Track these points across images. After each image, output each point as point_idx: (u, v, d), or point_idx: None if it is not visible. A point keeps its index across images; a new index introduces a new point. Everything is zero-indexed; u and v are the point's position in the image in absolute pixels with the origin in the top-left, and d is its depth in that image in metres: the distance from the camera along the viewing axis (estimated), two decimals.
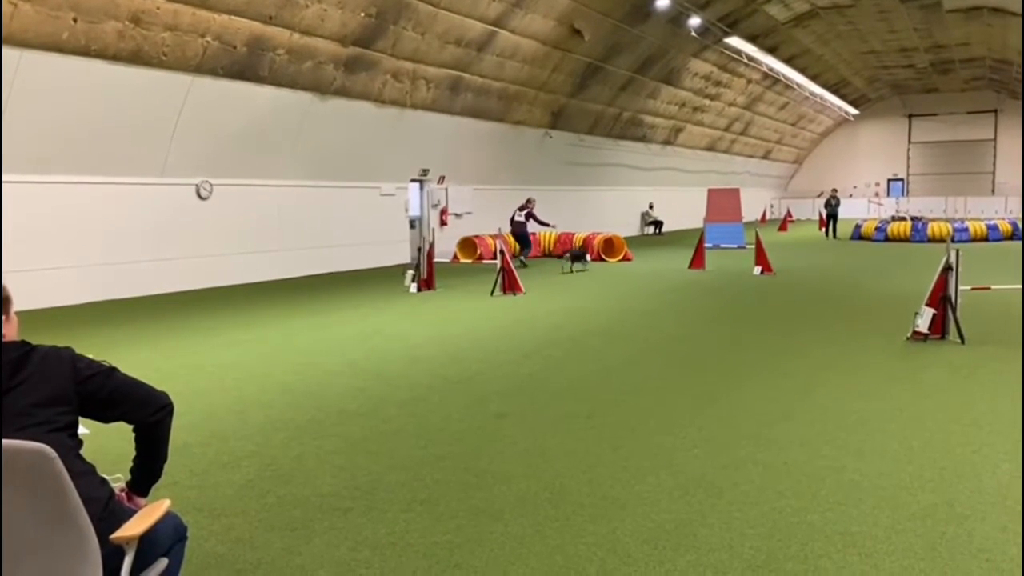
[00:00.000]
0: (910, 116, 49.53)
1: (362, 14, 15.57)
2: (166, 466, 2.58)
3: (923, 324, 8.46)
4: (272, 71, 15.12)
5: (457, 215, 22.15)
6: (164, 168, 14.33)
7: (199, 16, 13.13)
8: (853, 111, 46.31)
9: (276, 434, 5.56)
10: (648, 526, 3.85)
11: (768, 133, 42.28)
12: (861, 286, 13.98)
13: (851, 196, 48.18)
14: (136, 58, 12.80)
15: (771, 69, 31.76)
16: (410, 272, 14.11)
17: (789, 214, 40.79)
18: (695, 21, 24.00)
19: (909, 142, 50.14)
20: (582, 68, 23.21)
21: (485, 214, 22.28)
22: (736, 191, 24.50)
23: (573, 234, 21.59)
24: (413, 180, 20.37)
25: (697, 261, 17.55)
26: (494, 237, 15.99)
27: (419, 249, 13.87)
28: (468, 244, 20.60)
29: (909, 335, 8.58)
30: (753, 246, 16.81)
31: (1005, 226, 26.14)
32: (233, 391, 6.86)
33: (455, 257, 20.62)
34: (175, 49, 13.23)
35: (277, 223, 16.73)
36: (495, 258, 13.67)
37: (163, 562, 2.30)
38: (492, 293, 13.25)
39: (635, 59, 25.10)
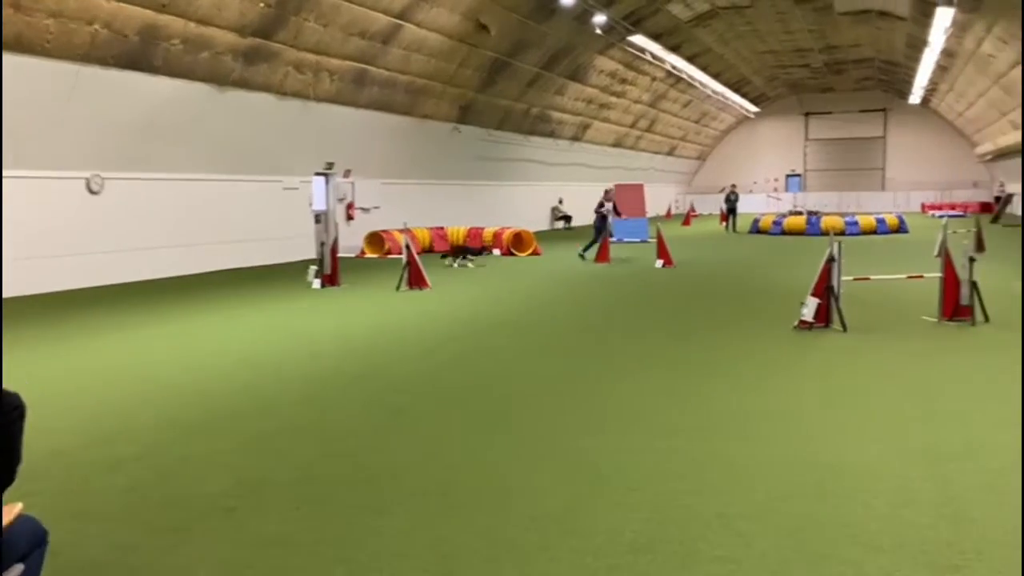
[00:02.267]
0: (807, 114, 51.62)
1: (261, 4, 15.20)
2: (37, 470, 2.49)
3: (808, 313, 8.87)
4: (167, 61, 14.61)
5: (364, 209, 21.92)
6: (51, 161, 13.68)
7: (86, 3, 12.57)
8: (753, 109, 47.91)
9: (164, 435, 5.41)
10: (535, 514, 3.92)
11: (673, 130, 43.34)
12: (756, 278, 14.51)
13: (751, 191, 49.90)
14: (17, 45, 12.17)
15: (675, 67, 32.54)
16: (313, 268, 13.90)
17: (693, 209, 41.94)
18: (600, 19, 24.38)
19: (806, 139, 52.26)
20: (489, 63, 23.28)
21: (393, 208, 22.11)
22: (640, 187, 25.05)
23: (482, 229, 21.66)
24: (317, 174, 20.04)
25: (603, 255, 17.87)
26: (402, 231, 15.89)
27: (323, 244, 13.66)
28: (375, 239, 20.41)
29: (796, 324, 8.97)
30: (656, 240, 17.23)
31: (892, 220, 27.54)
32: (121, 391, 6.63)
33: (362, 252, 20.40)
34: (60, 37, 12.64)
35: (174, 218, 16.20)
36: (402, 253, 13.60)
37: (18, 568, 2.22)
38: (398, 288, 13.19)
39: (542, 55, 25.33)
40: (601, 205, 19.04)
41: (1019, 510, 3.84)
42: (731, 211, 30.49)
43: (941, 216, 34.47)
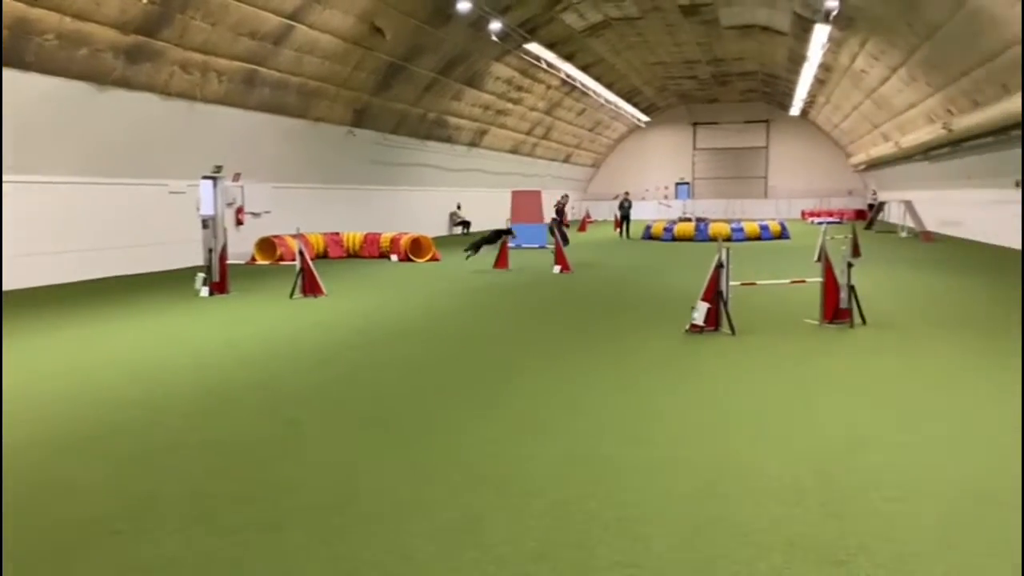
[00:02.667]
0: (695, 124, 53.49)
1: (144, 0, 14.56)
2: None
3: (699, 317, 9.15)
4: (39, 57, 13.79)
5: (255, 214, 21.29)
6: None
7: None
8: (645, 118, 49.24)
9: (41, 453, 5.08)
10: (435, 526, 3.88)
11: (568, 138, 44.05)
12: (649, 283, 14.88)
13: (643, 198, 51.26)
14: None
15: (569, 76, 33.08)
16: (201, 275, 13.38)
17: (588, 215, 42.73)
18: (496, 26, 24.53)
19: (694, 148, 54.13)
20: (385, 67, 23.05)
21: (286, 213, 21.57)
22: (538, 193, 25.32)
23: (379, 235, 21.40)
24: (205, 177, 19.33)
25: (501, 261, 17.95)
26: (295, 237, 15.50)
27: (211, 250, 13.16)
28: (267, 244, 19.85)
29: (687, 328, 9.24)
30: (553, 246, 17.43)
31: (775, 226, 28.83)
32: None
33: (253, 259, 19.80)
34: None
35: (52, 223, 15.29)
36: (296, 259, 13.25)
37: None
38: (291, 295, 12.85)
39: (439, 60, 25.27)
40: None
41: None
42: (625, 217, 31.22)
43: (820, 223, 36.34)
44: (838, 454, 4.92)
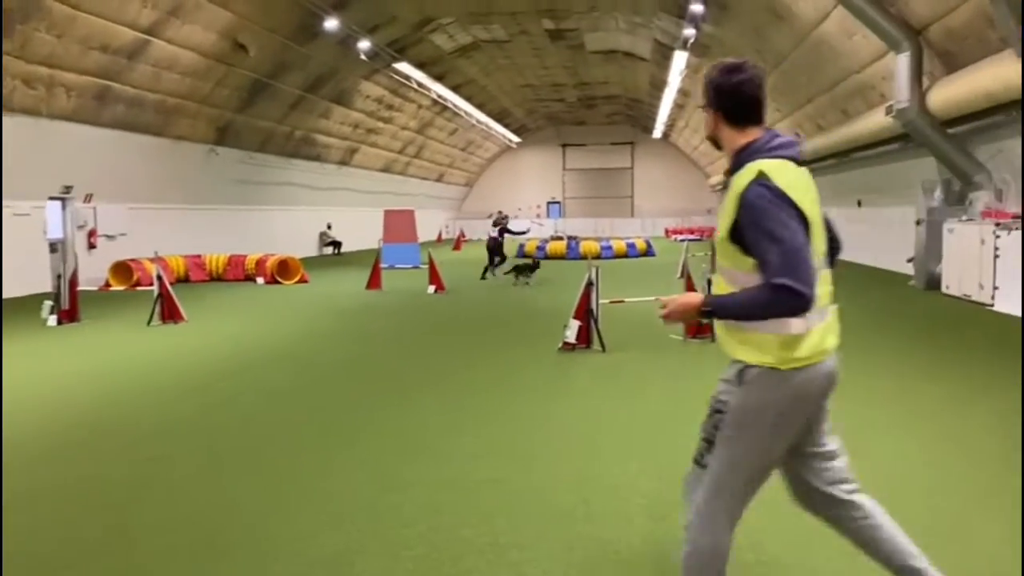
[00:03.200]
0: (564, 145, 54.79)
1: None
2: None
3: (571, 335, 9.32)
4: None
5: (109, 237, 20.12)
6: None
7: None
8: (516, 139, 50.04)
9: None
10: (302, 563, 3.74)
11: (440, 157, 44.14)
12: (523, 301, 15.04)
13: (516, 217, 51.91)
14: None
15: (440, 96, 33.20)
16: (48, 303, 12.49)
17: (463, 234, 42.87)
18: (364, 44, 24.33)
19: (564, 169, 55.41)
20: (249, 84, 22.39)
21: (144, 235, 20.50)
22: (411, 212, 25.16)
23: (245, 256, 20.67)
24: (53, 198, 18.10)
25: (374, 281, 17.71)
26: (153, 260, 14.75)
27: (59, 276, 12.32)
28: (123, 269, 18.78)
29: (560, 346, 9.38)
30: (427, 266, 17.35)
31: (641, 244, 29.82)
32: None
33: (107, 284, 18.68)
34: None
35: None
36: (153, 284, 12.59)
37: None
38: (149, 322, 12.19)
39: (305, 78, 24.79)
40: (502, 230, 21.38)
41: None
42: (500, 235, 31.51)
43: (682, 240, 37.92)
44: None
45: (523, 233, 23.67)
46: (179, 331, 11.64)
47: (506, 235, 21.67)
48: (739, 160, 2.80)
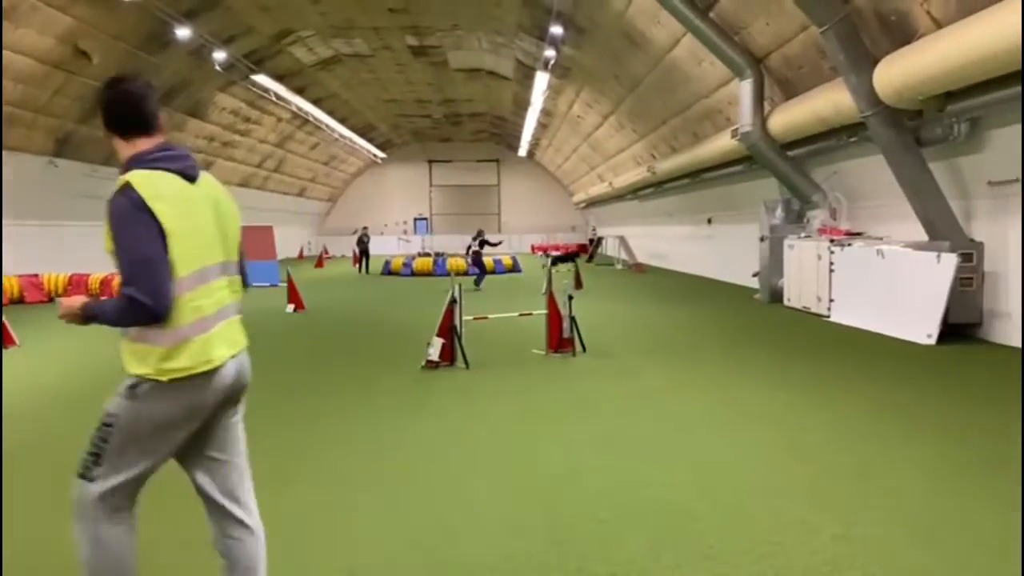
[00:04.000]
0: (430, 161, 54.78)
1: None
2: None
3: (434, 353, 9.27)
4: None
5: None
6: None
7: None
8: (381, 154, 49.59)
9: None
10: None
11: (302, 171, 43.11)
12: (387, 319, 14.89)
13: (383, 233, 51.48)
14: None
15: (300, 109, 32.48)
16: None
17: (325, 251, 42.01)
18: (220, 55, 23.49)
19: (431, 185, 55.37)
20: (92, 93, 21.10)
21: None
22: (269, 229, 24.45)
23: (88, 275, 19.41)
24: None
25: None
26: None
27: None
28: None
29: (424, 363, 9.32)
30: (287, 284, 16.88)
31: (508, 260, 30.14)
32: None
33: None
34: None
35: None
36: None
37: None
38: None
39: (156, 88, 23.61)
40: (479, 244, 22.93)
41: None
42: (363, 253, 31.11)
43: (552, 257, 38.72)
44: (559, 481, 5.17)
45: (498, 244, 25.38)
46: (9, 357, 10.76)
47: (485, 247, 23.17)
48: (125, 171, 2.90)
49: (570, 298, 10.15)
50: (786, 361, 9.61)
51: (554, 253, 35.25)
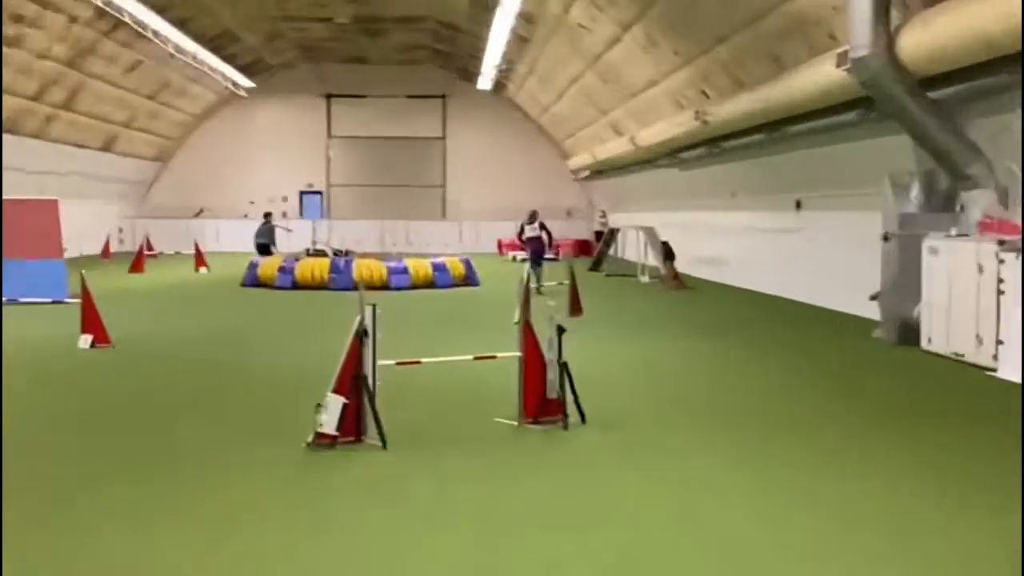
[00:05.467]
0: (329, 96, 54.66)
1: None
2: None
3: (329, 422, 9.15)
4: None
5: None
6: None
7: None
8: (247, 83, 49.27)
9: None
10: None
11: (110, 110, 42.72)
12: (250, 362, 14.75)
13: (246, 216, 51.28)
14: None
15: (110, 3, 32.21)
16: None
17: (148, 244, 41.65)
18: None
19: (329, 136, 55.21)
20: None
21: None
22: (52, 205, 24.20)
23: None
24: None
25: None
26: None
27: None
28: None
29: (311, 439, 9.20)
30: (80, 301, 16.70)
31: (457, 267, 30.04)
32: None
33: None
34: None
35: None
36: None
37: None
38: None
39: None
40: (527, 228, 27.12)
41: None
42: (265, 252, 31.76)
43: (525, 261, 38.57)
44: None
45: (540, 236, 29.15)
46: None
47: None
48: None
49: (560, 332, 10.09)
50: (936, 460, 9.57)
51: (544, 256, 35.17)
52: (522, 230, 29.90)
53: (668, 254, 30.31)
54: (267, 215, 37.04)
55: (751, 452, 9.31)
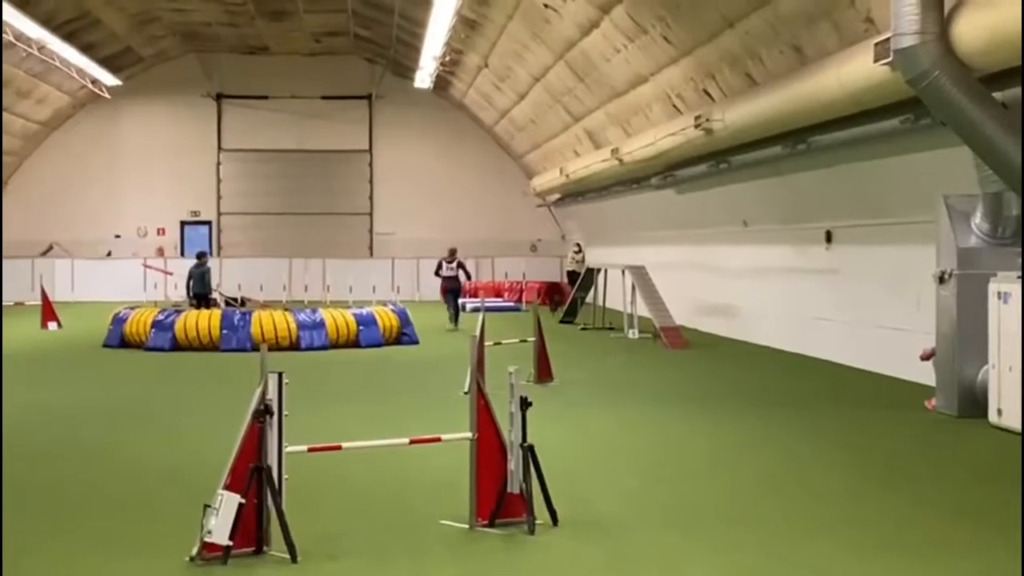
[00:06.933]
0: (219, 97, 54.63)
1: None
2: None
3: (220, 527, 9.09)
4: None
5: None
6: None
7: None
8: (110, 80, 49.14)
9: None
10: None
11: None
12: (113, 450, 14.61)
13: (110, 255, 51.07)
14: None
15: None
16: None
17: None
18: None
19: (220, 148, 55.08)
20: None
21: None
22: None
23: None
24: None
25: None
26: None
27: None
28: None
29: (196, 551, 9.14)
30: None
31: (389, 318, 30.01)
32: None
33: None
34: None
35: None
36: None
37: None
38: None
39: None
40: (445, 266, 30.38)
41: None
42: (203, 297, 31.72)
43: (476, 310, 38.51)
44: None
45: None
46: None
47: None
48: None
49: (525, 405, 10.09)
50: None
51: (488, 301, 35.22)
52: (440, 267, 35.59)
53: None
54: (201, 255, 36.45)
55: (773, 566, 9.32)
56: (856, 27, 19.21)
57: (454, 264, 34.68)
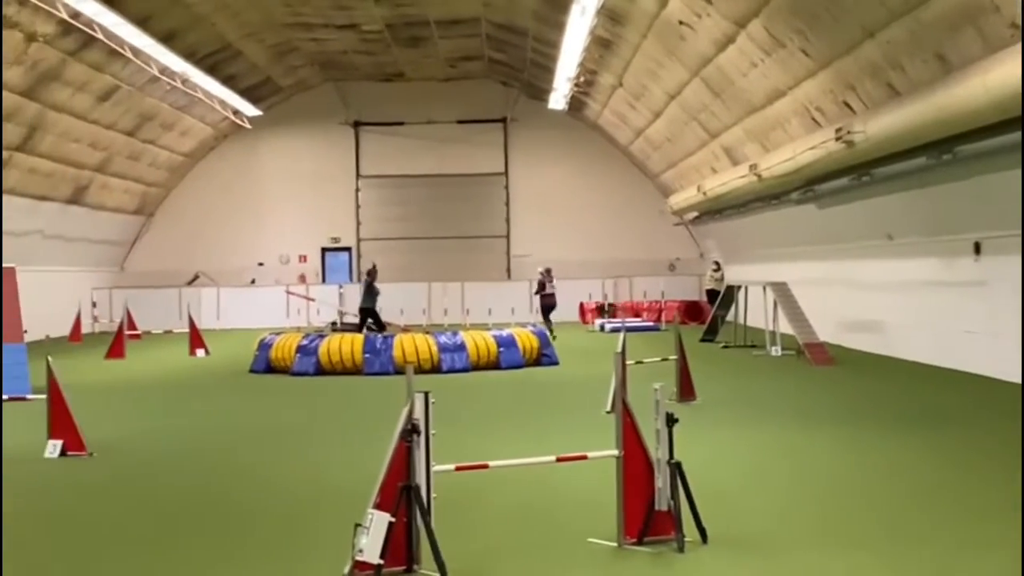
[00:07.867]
0: (357, 125, 54.97)
1: None
2: None
3: (371, 546, 9.14)
4: None
5: None
6: None
7: None
8: (251, 111, 49.65)
9: None
10: None
11: (78, 149, 43.14)
12: (261, 472, 14.78)
13: (253, 282, 51.61)
14: None
15: (79, 13, 32.70)
16: None
17: (130, 322, 42.00)
18: None
19: (358, 174, 55.43)
20: None
21: None
22: (10, 274, 24.54)
23: None
24: None
25: None
26: None
27: None
28: None
29: (348, 570, 9.20)
30: (47, 396, 16.80)
31: (529, 340, 29.93)
32: None
33: None
34: None
35: None
36: None
37: None
38: None
39: None
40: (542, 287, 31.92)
41: None
42: (373, 317, 31.50)
43: (615, 330, 38.27)
44: None
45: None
46: None
47: None
48: None
49: (672, 421, 10.05)
50: None
51: (628, 321, 35.03)
52: (542, 286, 39.46)
53: None
54: (371, 271, 36.84)
55: None
56: (1002, 33, 18.94)
57: (554, 283, 36.24)
